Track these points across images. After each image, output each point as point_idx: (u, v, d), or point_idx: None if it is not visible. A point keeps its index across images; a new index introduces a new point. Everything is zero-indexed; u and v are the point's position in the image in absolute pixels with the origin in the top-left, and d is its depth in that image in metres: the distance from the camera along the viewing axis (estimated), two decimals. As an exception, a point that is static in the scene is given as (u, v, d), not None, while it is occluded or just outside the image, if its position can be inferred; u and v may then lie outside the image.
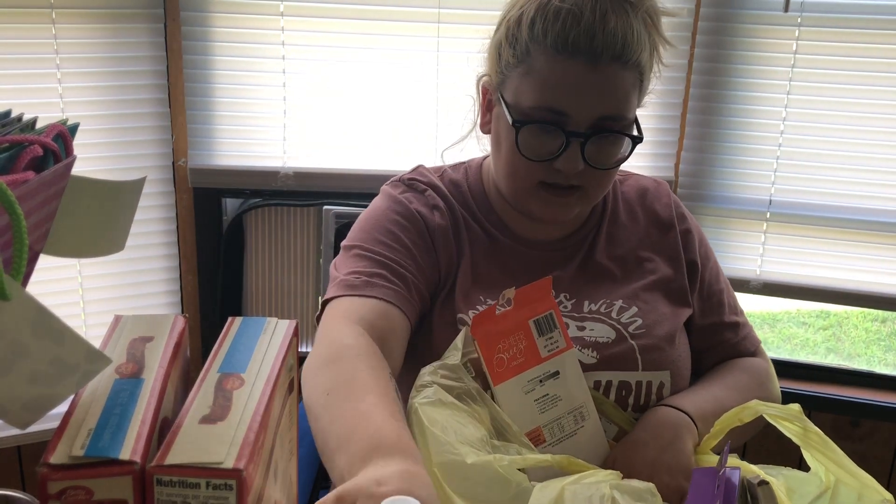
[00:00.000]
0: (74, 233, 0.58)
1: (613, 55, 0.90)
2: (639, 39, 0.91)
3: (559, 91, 0.91)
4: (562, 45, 0.90)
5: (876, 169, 1.81)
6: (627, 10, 0.90)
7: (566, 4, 0.90)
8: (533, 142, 0.93)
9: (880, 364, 3.54)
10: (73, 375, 0.47)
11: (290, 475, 0.63)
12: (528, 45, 0.92)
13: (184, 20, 1.74)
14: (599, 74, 0.90)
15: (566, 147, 0.92)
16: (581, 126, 0.92)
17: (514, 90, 0.94)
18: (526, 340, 0.87)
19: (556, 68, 0.91)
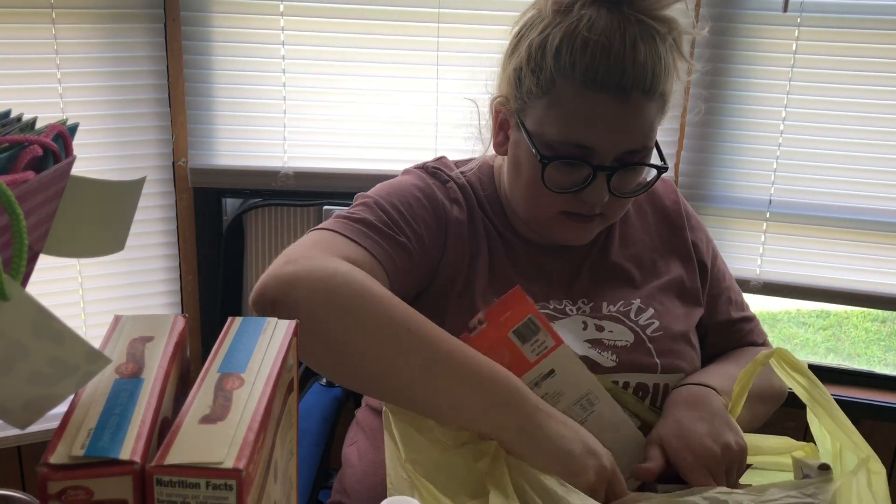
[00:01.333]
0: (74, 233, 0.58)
1: (643, 89, 0.87)
2: (666, 69, 0.89)
3: (587, 127, 0.89)
4: (591, 81, 0.87)
5: (876, 169, 1.81)
6: (655, 37, 0.88)
7: (594, 35, 0.87)
8: (557, 175, 0.92)
9: (880, 364, 3.54)
10: (72, 375, 0.47)
11: (290, 475, 0.63)
12: (554, 75, 0.89)
13: (184, 20, 1.74)
14: (628, 108, 0.88)
15: (592, 179, 0.90)
16: (607, 159, 0.90)
17: (538, 120, 0.92)
18: (510, 353, 0.85)
19: (585, 103, 0.88)
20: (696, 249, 1.09)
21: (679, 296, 1.05)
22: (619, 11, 0.88)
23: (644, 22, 0.88)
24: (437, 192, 0.99)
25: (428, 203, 0.97)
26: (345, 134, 1.82)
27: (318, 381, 1.34)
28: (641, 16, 0.88)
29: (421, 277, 0.95)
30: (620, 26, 0.87)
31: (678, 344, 1.00)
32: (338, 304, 0.79)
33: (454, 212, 0.99)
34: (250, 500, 0.47)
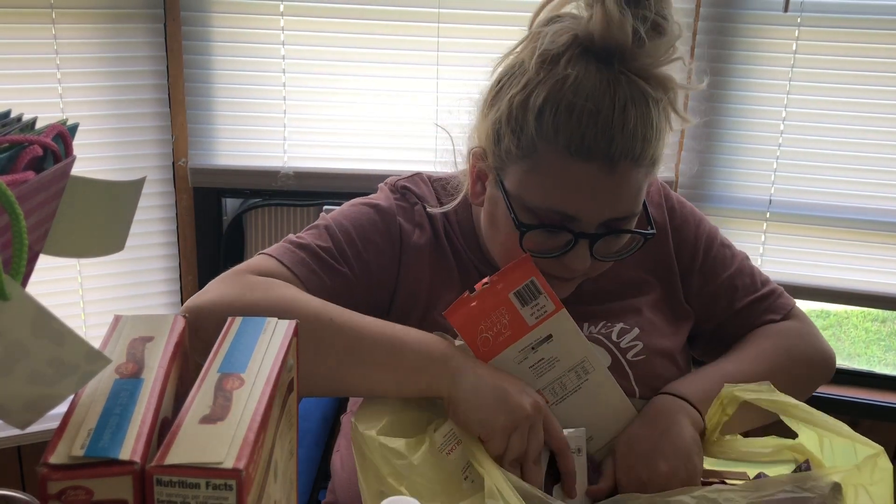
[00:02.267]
0: (74, 233, 0.58)
1: (631, 158, 0.81)
2: (657, 133, 0.83)
3: (571, 196, 0.83)
4: (576, 149, 0.80)
5: (876, 169, 1.81)
6: (648, 100, 0.81)
7: (580, 99, 0.80)
8: (537, 240, 0.86)
9: (880, 364, 3.54)
10: (72, 376, 0.47)
11: (290, 475, 0.63)
12: (535, 139, 0.82)
13: (184, 20, 1.74)
14: (614, 178, 0.82)
15: (574, 245, 0.85)
16: (591, 227, 0.85)
17: (517, 183, 0.86)
18: (509, 314, 0.84)
19: (568, 172, 0.82)
20: (680, 253, 1.03)
21: (666, 312, 1.01)
22: (610, 70, 0.81)
23: (636, 83, 0.81)
24: (398, 216, 0.97)
25: (384, 227, 0.96)
26: (345, 134, 1.82)
27: (318, 381, 1.33)
28: (634, 76, 0.81)
29: (373, 299, 0.94)
30: (610, 88, 0.80)
31: (661, 366, 0.96)
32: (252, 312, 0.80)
33: (414, 236, 0.96)
34: (250, 500, 0.47)
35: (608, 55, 0.82)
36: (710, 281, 1.03)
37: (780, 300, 1.05)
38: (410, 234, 0.97)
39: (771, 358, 0.95)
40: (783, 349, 0.99)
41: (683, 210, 1.05)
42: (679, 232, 1.03)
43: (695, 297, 1.04)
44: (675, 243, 1.03)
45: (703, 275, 1.03)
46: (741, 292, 1.03)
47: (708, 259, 1.03)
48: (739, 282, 1.04)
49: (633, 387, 0.95)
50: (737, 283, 1.03)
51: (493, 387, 0.81)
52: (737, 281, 1.03)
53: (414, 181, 1.02)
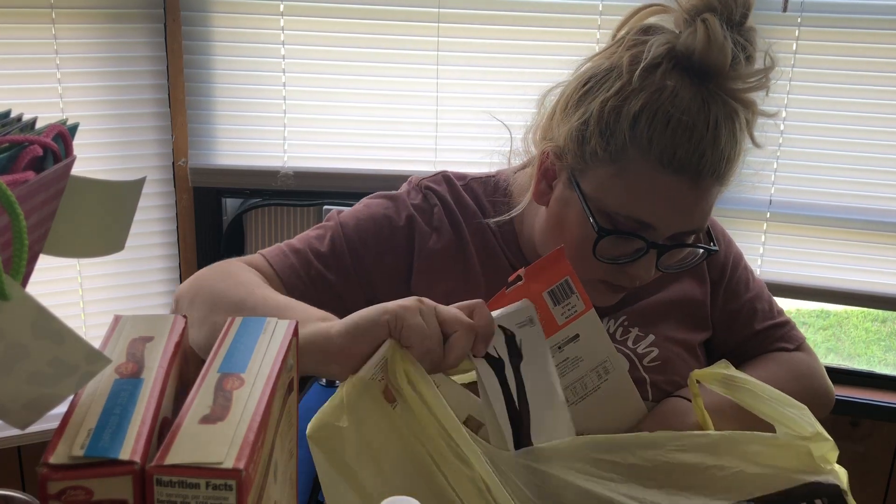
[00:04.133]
0: (74, 233, 0.58)
1: (717, 175, 0.84)
2: (740, 153, 0.86)
3: (654, 205, 0.84)
4: (668, 160, 0.82)
5: (876, 169, 1.81)
6: (735, 120, 0.84)
7: (677, 112, 0.81)
8: (609, 246, 0.87)
9: (880, 364, 3.54)
10: (72, 376, 0.47)
11: (290, 475, 0.63)
12: (628, 144, 0.83)
13: (184, 20, 1.74)
14: (698, 194, 0.84)
15: (644, 254, 0.86)
16: (662, 237, 0.86)
17: (599, 186, 0.86)
18: (541, 312, 0.83)
19: (656, 182, 0.83)
20: (711, 268, 1.04)
21: (684, 317, 1.01)
22: (705, 87, 0.83)
23: (728, 103, 0.83)
24: (415, 219, 0.96)
25: (391, 234, 0.96)
26: (345, 134, 1.82)
27: (318, 381, 1.34)
28: (726, 96, 0.83)
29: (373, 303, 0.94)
30: (704, 105, 0.82)
31: (676, 376, 0.97)
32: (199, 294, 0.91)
33: (430, 241, 0.96)
34: (250, 500, 0.47)
35: (704, 73, 0.83)
36: (733, 300, 1.05)
37: (794, 331, 1.09)
38: (427, 238, 0.96)
39: (783, 384, 0.94)
40: (794, 378, 1.01)
41: (715, 228, 1.07)
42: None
43: (718, 313, 1.05)
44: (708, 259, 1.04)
45: (728, 293, 1.05)
46: (760, 316, 1.06)
47: (733, 279, 1.06)
48: (759, 306, 1.07)
49: (648, 392, 0.96)
50: (756, 306, 1.06)
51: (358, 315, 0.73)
52: (757, 304, 1.06)
53: (437, 181, 1.01)
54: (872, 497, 1.85)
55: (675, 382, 0.97)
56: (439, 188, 1.00)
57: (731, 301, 1.05)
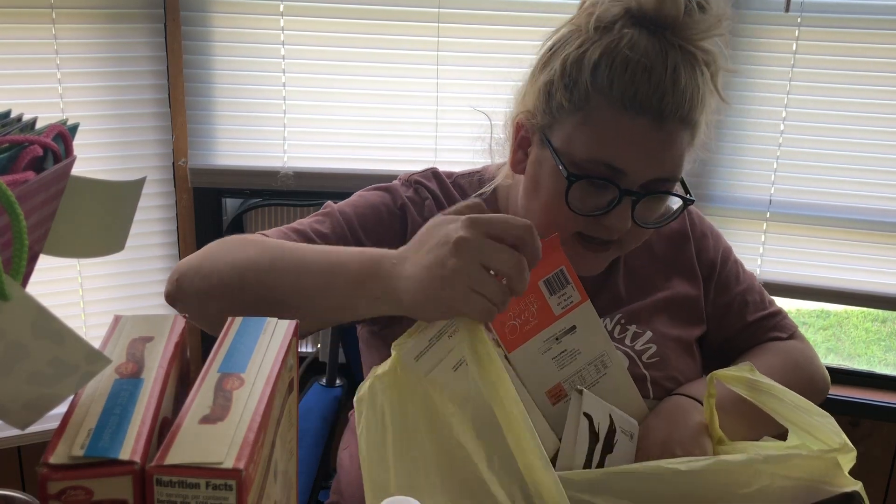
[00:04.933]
0: (74, 233, 0.58)
1: (679, 116, 0.85)
2: (703, 100, 0.87)
3: (620, 148, 0.85)
4: (629, 101, 0.84)
5: (876, 169, 1.81)
6: (695, 66, 0.86)
7: (636, 55, 0.84)
8: (582, 196, 0.88)
9: (880, 364, 3.54)
10: (72, 376, 0.47)
11: (290, 475, 0.63)
12: (589, 91, 0.86)
13: (184, 20, 1.74)
14: (663, 135, 0.85)
15: (617, 203, 0.87)
16: (635, 184, 0.87)
17: (567, 137, 0.88)
18: (538, 302, 0.84)
19: (620, 124, 0.85)
20: (701, 258, 1.05)
21: (678, 313, 1.02)
22: (662, 36, 0.85)
23: (686, 49, 0.85)
24: (408, 209, 0.98)
25: (389, 219, 0.97)
26: (345, 134, 1.82)
27: (318, 381, 1.34)
28: (684, 43, 0.85)
29: None
30: (662, 50, 0.84)
31: (674, 371, 0.97)
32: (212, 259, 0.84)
33: None
34: (250, 500, 0.47)
35: (660, 24, 0.86)
36: (724, 293, 1.07)
37: (786, 320, 1.09)
38: (418, 228, 0.96)
39: (779, 373, 0.95)
40: (790, 367, 1.02)
41: (703, 224, 1.09)
42: (700, 242, 1.07)
43: (710, 308, 1.06)
44: (696, 251, 1.06)
45: (718, 287, 1.06)
46: (752, 307, 1.07)
47: (724, 273, 1.07)
48: (750, 298, 1.07)
49: (649, 388, 0.96)
50: (748, 298, 1.07)
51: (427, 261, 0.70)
52: (748, 297, 1.07)
53: (427, 176, 1.03)
54: (872, 497, 1.84)
55: (674, 378, 0.97)
56: (429, 183, 1.02)
57: (722, 295, 1.06)
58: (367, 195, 1.00)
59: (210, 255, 0.86)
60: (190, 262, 0.87)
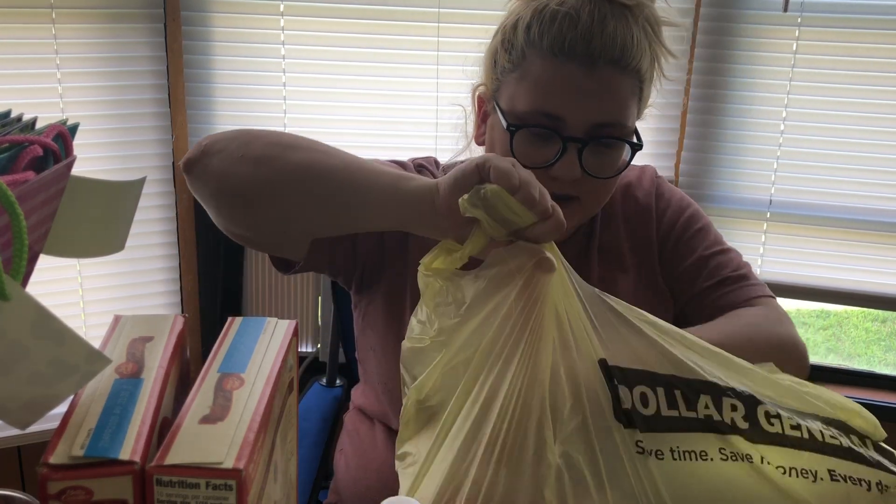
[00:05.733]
0: (74, 233, 0.58)
1: (611, 59, 0.87)
2: (638, 46, 0.88)
3: (555, 95, 0.88)
4: (558, 49, 0.87)
5: (876, 169, 1.81)
6: (627, 15, 0.88)
7: (563, 8, 0.88)
8: (528, 148, 0.90)
9: (880, 364, 3.54)
10: (72, 376, 0.47)
11: (290, 475, 0.63)
12: (524, 49, 0.90)
13: (184, 20, 1.74)
14: (596, 79, 0.87)
15: (563, 153, 0.88)
16: (578, 131, 0.88)
17: (510, 96, 0.92)
18: None
19: (552, 72, 0.88)
20: (661, 236, 1.02)
21: (644, 295, 1.00)
22: None
23: (615, 2, 0.88)
24: None
25: None
26: (345, 134, 1.82)
27: (318, 381, 1.34)
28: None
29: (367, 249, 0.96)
30: (591, 2, 0.88)
31: None
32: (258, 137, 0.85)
33: None
34: (250, 500, 0.47)
35: None
36: (682, 262, 1.01)
37: (751, 287, 1.00)
38: None
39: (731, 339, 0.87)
40: (747, 333, 0.92)
41: (672, 197, 1.05)
42: (663, 215, 1.03)
43: (669, 279, 1.02)
44: (658, 226, 1.03)
45: (677, 255, 1.01)
46: (707, 273, 1.00)
47: (682, 240, 1.02)
48: (712, 262, 1.00)
49: None
50: (709, 263, 1.00)
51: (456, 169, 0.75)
52: (710, 262, 1.00)
53: (426, 161, 1.07)
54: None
55: None
56: (430, 168, 1.06)
57: (680, 264, 1.01)
58: (380, 160, 1.01)
59: (251, 132, 0.87)
60: (223, 133, 0.88)
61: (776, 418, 0.71)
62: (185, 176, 0.88)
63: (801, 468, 0.69)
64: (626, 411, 0.66)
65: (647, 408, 0.67)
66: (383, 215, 0.80)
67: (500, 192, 0.67)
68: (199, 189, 0.87)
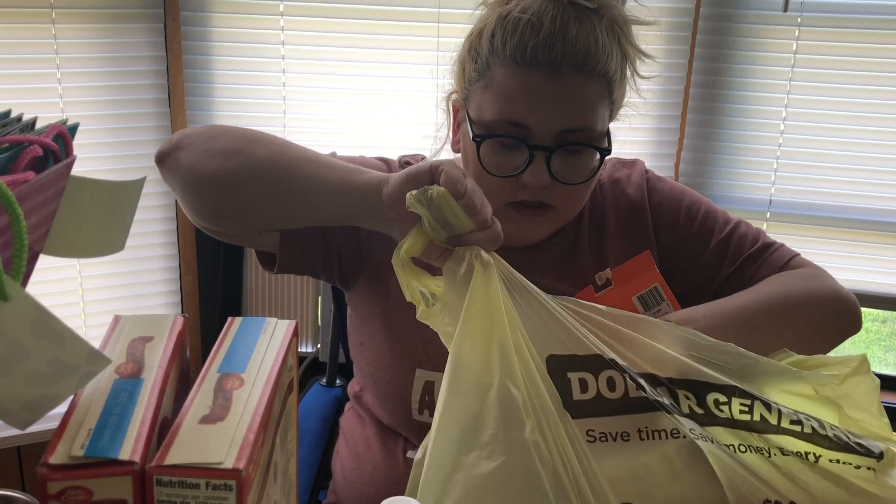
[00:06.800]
0: (74, 233, 0.58)
1: (574, 65, 0.86)
2: (604, 48, 0.87)
3: (519, 103, 0.88)
4: (520, 57, 0.87)
5: (876, 169, 1.81)
6: (591, 17, 0.87)
7: (526, 15, 0.87)
8: (496, 158, 0.90)
9: (880, 364, 3.54)
10: (72, 376, 0.47)
11: (290, 475, 0.63)
12: (489, 58, 0.90)
13: (184, 20, 1.74)
14: (560, 85, 0.87)
15: (530, 161, 0.88)
16: (545, 139, 0.88)
17: (477, 105, 0.92)
18: None
19: (515, 80, 0.88)
20: (660, 230, 1.01)
21: None
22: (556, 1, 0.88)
23: (576, 4, 0.87)
24: None
25: None
26: (344, 134, 1.82)
27: (318, 381, 1.34)
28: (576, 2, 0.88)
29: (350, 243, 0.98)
30: (553, 8, 0.87)
31: None
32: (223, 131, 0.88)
33: None
34: (250, 501, 0.47)
35: None
36: (702, 253, 1.01)
37: (776, 254, 1.00)
38: None
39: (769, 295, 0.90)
40: (783, 293, 0.94)
41: (664, 188, 1.04)
42: (659, 209, 1.02)
43: (690, 273, 1.01)
44: (654, 220, 1.02)
45: (693, 249, 1.01)
46: (731, 256, 1.00)
47: (692, 233, 1.01)
48: (732, 244, 1.00)
49: None
50: (729, 245, 1.00)
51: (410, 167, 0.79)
52: (729, 244, 1.00)
53: (416, 158, 1.09)
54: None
55: None
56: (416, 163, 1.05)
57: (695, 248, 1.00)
58: (367, 158, 1.06)
59: (218, 127, 0.89)
60: (193, 128, 0.91)
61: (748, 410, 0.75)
62: (157, 168, 0.91)
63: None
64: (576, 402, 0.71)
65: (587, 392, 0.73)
66: (335, 205, 0.82)
67: (446, 195, 0.71)
68: (170, 181, 0.90)
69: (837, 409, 0.79)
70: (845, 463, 0.74)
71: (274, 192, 0.84)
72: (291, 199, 0.84)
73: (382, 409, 0.98)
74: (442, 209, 0.71)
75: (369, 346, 0.98)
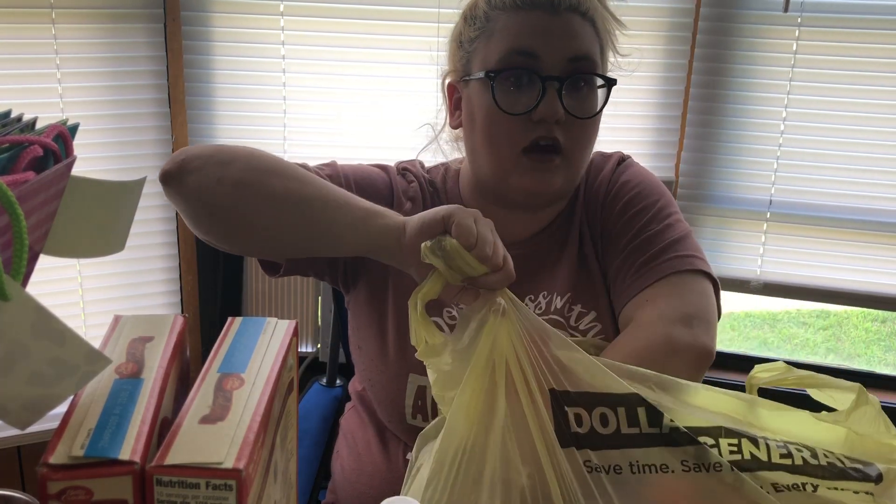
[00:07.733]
0: (74, 233, 0.58)
1: (570, 6, 0.92)
2: (591, 1, 0.94)
3: (526, 34, 0.92)
4: (521, 2, 0.93)
5: (876, 169, 1.81)
6: None
7: None
8: (509, 97, 0.92)
9: (880, 364, 3.54)
10: (72, 376, 0.47)
11: (290, 475, 0.63)
12: (488, 13, 0.95)
13: (184, 20, 1.74)
14: (561, 20, 0.92)
15: (543, 93, 0.91)
16: (555, 69, 0.91)
17: (482, 60, 0.95)
18: None
19: (520, 20, 0.93)
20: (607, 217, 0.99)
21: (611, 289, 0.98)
22: None
23: None
24: (396, 185, 1.03)
25: (383, 188, 1.01)
26: (344, 133, 1.82)
27: (318, 381, 1.34)
28: None
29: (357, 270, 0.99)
30: None
31: None
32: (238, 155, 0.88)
33: (406, 207, 1.01)
34: (250, 500, 0.47)
35: None
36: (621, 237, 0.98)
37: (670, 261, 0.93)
38: (402, 204, 1.01)
39: None
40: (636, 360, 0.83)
41: (627, 184, 1.00)
42: (616, 196, 1.00)
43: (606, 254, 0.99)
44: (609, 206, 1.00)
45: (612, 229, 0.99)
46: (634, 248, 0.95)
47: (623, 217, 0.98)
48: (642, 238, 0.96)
49: None
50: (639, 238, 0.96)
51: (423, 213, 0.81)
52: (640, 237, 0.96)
53: (411, 163, 1.10)
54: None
55: None
56: (414, 169, 1.08)
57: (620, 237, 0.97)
58: (365, 166, 1.06)
59: (228, 151, 0.89)
60: (201, 148, 0.90)
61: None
62: (161, 186, 0.92)
63: None
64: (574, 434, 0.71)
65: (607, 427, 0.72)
66: (353, 245, 0.85)
67: (458, 248, 0.74)
68: (177, 203, 0.92)
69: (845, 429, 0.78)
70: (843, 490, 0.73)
71: (290, 231, 0.86)
72: (308, 239, 0.86)
73: (379, 412, 0.99)
74: (455, 259, 0.75)
75: (366, 350, 0.99)
